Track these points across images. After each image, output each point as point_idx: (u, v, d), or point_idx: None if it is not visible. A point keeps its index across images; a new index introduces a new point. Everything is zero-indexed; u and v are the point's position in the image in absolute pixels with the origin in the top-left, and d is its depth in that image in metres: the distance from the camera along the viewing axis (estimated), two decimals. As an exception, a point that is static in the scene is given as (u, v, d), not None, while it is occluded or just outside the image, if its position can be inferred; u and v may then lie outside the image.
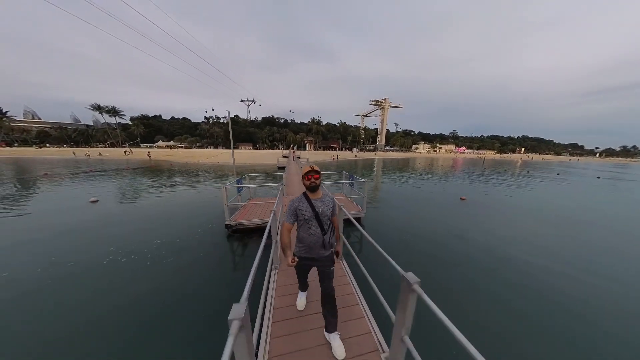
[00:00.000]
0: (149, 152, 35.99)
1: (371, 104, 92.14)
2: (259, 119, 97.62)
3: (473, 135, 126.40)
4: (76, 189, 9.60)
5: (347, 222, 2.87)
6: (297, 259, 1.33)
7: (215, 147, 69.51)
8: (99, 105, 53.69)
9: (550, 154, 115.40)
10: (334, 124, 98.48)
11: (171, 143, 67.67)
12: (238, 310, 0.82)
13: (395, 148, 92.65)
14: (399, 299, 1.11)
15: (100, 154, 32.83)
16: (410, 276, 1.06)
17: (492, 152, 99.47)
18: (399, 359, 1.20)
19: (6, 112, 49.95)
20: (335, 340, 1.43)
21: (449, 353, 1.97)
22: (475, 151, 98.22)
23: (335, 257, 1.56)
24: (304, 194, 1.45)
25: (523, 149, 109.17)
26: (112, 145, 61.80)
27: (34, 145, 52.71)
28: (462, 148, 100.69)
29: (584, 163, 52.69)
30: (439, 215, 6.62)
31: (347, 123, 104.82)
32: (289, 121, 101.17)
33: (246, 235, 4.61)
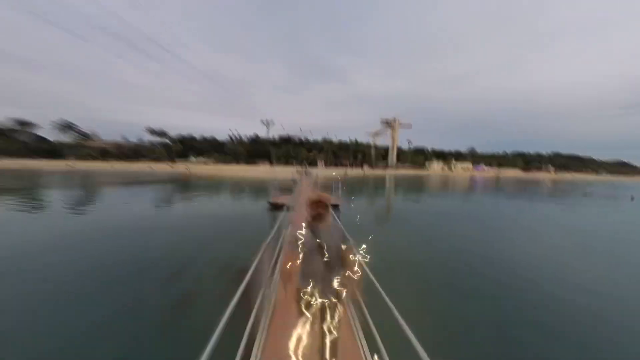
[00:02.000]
0: (186, 167, 44.37)
1: (381, 123, 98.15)
2: (276, 137, 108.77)
3: (494, 153, 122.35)
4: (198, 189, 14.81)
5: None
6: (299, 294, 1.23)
7: (238, 163, 79.41)
8: (152, 129, 68.05)
9: (588, 173, 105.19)
10: (346, 142, 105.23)
11: (201, 159, 79.18)
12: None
13: (408, 165, 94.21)
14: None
15: (150, 167, 41.69)
16: None
17: (514, 170, 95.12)
18: None
19: (87, 133, 65.42)
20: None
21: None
22: (495, 169, 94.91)
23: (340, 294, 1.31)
24: (308, 223, 1.31)
25: (552, 167, 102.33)
26: (156, 160, 74.89)
27: (103, 160, 66.95)
28: (481, 166, 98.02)
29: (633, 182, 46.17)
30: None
31: (358, 140, 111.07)
32: (304, 139, 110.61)
33: (275, 207, 9.19)
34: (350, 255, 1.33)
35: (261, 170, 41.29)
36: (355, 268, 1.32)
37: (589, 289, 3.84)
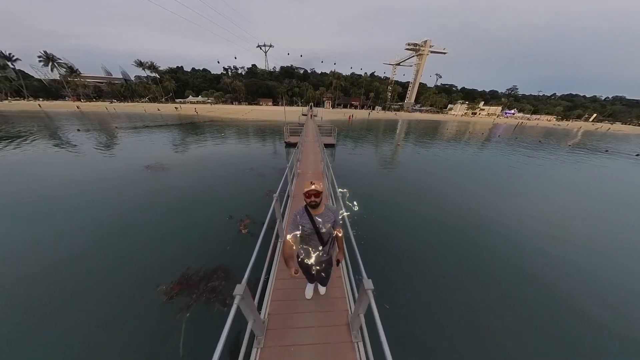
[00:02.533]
0: (195, 108, 43.64)
1: (407, 49, 77.99)
2: (277, 68, 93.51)
3: (540, 94, 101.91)
4: (194, 134, 16.81)
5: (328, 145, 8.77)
6: (299, 271, 1.43)
7: (239, 103, 74.60)
8: (140, 62, 60.18)
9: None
10: (359, 75, 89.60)
11: (200, 98, 74.27)
12: (239, 289, 1.12)
13: (425, 108, 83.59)
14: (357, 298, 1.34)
15: (159, 109, 41.55)
16: (368, 282, 1.21)
17: (549, 117, 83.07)
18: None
19: (76, 69, 59.81)
20: (321, 288, 1.95)
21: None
22: (527, 116, 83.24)
23: (336, 264, 1.65)
24: (306, 208, 1.47)
25: (594, 115, 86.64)
26: (152, 99, 71.55)
27: (96, 100, 65.27)
28: (512, 111, 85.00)
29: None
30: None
31: (375, 73, 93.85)
32: (309, 71, 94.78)
33: (292, 146, 11.21)
34: (340, 230, 1.56)
35: (268, 112, 40.36)
36: (344, 242, 1.62)
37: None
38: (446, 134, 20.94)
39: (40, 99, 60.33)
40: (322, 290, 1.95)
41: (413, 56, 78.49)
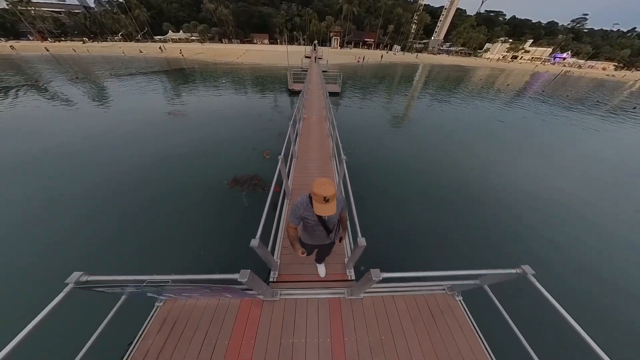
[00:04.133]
0: (180, 49, 38.51)
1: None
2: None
3: (614, 29, 79.33)
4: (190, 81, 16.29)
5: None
6: (305, 252, 1.49)
7: (229, 40, 64.09)
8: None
9: None
10: (377, -1, 70.71)
11: (182, 34, 63.65)
12: (253, 242, 1.34)
13: (455, 49, 68.82)
14: None
15: (140, 51, 37.07)
16: (361, 240, 1.46)
17: (605, 64, 67.68)
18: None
19: None
20: (320, 267, 2.07)
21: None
22: (580, 62, 67.99)
23: (338, 241, 1.68)
24: (310, 199, 1.32)
25: None
26: (127, 37, 61.80)
27: (64, 38, 57.02)
28: (564, 54, 69.11)
29: None
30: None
31: (399, -3, 73.55)
32: (313, -8, 74.65)
33: (295, 94, 11.50)
34: (345, 210, 1.55)
35: (266, 54, 35.64)
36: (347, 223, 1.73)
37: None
38: (470, 86, 18.80)
39: (3, 39, 53.54)
40: (321, 270, 2.08)
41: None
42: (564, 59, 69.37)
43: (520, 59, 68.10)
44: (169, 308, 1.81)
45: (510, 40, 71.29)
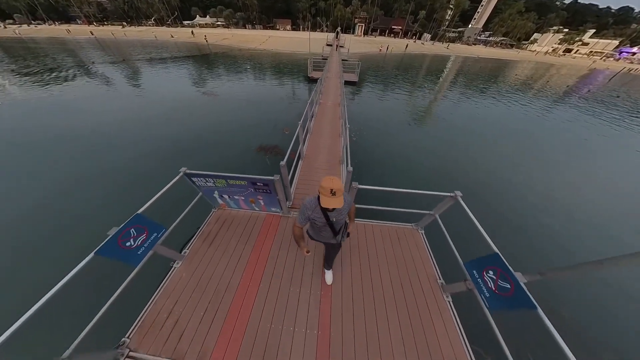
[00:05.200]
0: (205, 35, 40.49)
1: None
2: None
3: None
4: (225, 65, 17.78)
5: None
6: (309, 251, 1.50)
7: (253, 25, 65.27)
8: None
9: None
10: (410, -20, 65.84)
11: (208, 19, 66.18)
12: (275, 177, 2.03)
13: (494, 39, 61.93)
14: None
15: (172, 36, 39.74)
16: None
17: None
18: None
19: None
20: (328, 273, 2.07)
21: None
22: None
23: (346, 236, 1.65)
24: (318, 200, 1.33)
25: None
26: (159, 21, 65.98)
27: (105, 22, 62.63)
28: (634, 48, 57.93)
29: None
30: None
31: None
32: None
33: (314, 81, 12.16)
34: (354, 206, 1.63)
35: (288, 41, 36.13)
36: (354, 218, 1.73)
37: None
38: (508, 83, 16.52)
39: (57, 22, 60.46)
40: (328, 277, 2.06)
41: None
42: (634, 54, 58.94)
43: (575, 52, 59.41)
44: (220, 213, 2.79)
45: (566, 30, 62.06)
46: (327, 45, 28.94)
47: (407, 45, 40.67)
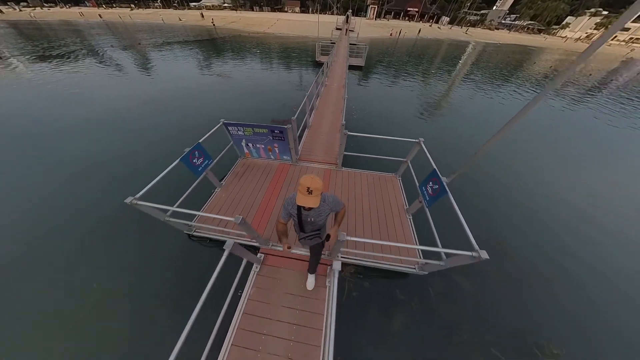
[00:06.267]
0: (212, 19, 40.36)
1: None
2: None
3: None
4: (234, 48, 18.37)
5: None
6: (290, 246, 1.55)
7: (260, 7, 63.87)
8: None
9: None
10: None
11: (215, 1, 65.22)
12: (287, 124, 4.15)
13: (520, 23, 57.26)
14: None
15: (180, 19, 39.92)
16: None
17: None
18: None
19: None
20: (310, 277, 2.13)
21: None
22: None
23: (325, 239, 1.69)
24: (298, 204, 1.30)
25: None
26: (164, 3, 65.59)
27: (118, 5, 62.80)
28: None
29: None
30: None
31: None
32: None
33: (319, 65, 12.69)
34: (343, 211, 1.59)
35: (296, 25, 35.64)
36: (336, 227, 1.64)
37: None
38: (534, 73, 15.08)
39: (68, 5, 61.38)
40: (310, 282, 2.12)
41: None
42: None
43: (614, 39, 54.03)
44: (245, 161, 3.70)
45: (606, 12, 56.10)
46: (337, 29, 28.45)
47: (419, 30, 38.66)
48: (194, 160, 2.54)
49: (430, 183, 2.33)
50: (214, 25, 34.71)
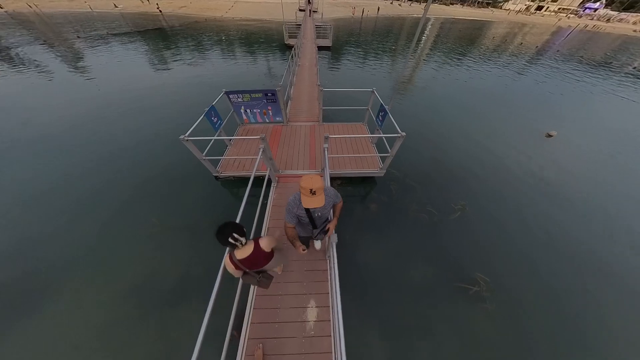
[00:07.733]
0: (157, 4, 36.18)
1: None
2: None
3: None
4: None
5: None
6: (305, 249, 1.57)
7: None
8: None
9: None
10: None
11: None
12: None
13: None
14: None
15: (116, 5, 34.88)
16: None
17: (638, 17, 61.03)
18: None
19: None
20: (317, 242, 2.48)
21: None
22: (613, 14, 61.20)
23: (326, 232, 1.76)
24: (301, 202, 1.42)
25: None
26: None
27: None
28: (597, 3, 61.40)
29: None
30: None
31: None
32: None
33: (289, 47, 12.94)
34: (340, 204, 1.73)
35: (257, 7, 34.02)
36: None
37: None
38: (483, 46, 18.19)
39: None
40: (317, 243, 2.50)
41: None
42: (595, 10, 63.10)
43: (545, 10, 62.50)
44: (244, 127, 4.62)
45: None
46: (300, 10, 28.29)
47: (378, 8, 40.16)
48: (212, 118, 3.45)
49: (382, 113, 3.62)
50: (160, 11, 31.23)
